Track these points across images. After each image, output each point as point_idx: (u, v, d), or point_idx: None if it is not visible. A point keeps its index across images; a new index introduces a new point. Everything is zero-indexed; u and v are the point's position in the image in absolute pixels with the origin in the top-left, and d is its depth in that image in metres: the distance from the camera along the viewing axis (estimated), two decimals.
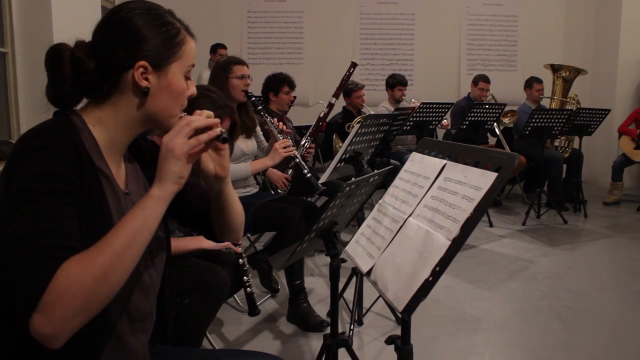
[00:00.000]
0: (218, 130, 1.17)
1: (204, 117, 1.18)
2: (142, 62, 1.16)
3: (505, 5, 8.04)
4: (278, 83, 4.13)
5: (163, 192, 1.11)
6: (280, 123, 3.34)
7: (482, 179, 1.18)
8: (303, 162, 3.26)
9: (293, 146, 3.26)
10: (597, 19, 7.89)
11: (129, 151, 1.31)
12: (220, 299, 2.26)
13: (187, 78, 1.25)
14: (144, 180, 1.34)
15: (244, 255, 2.49)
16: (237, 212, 1.42)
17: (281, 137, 3.25)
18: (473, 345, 2.95)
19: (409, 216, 1.36)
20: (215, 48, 6.84)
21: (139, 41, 1.17)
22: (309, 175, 3.21)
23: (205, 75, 6.64)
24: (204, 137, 1.14)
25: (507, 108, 5.97)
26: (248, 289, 2.46)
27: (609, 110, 5.98)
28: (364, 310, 3.21)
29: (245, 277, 2.45)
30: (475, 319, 3.26)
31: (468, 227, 1.14)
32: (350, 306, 3.12)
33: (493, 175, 1.16)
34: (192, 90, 1.28)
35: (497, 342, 3.00)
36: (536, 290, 3.75)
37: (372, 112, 5.35)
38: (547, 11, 8.12)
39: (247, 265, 2.50)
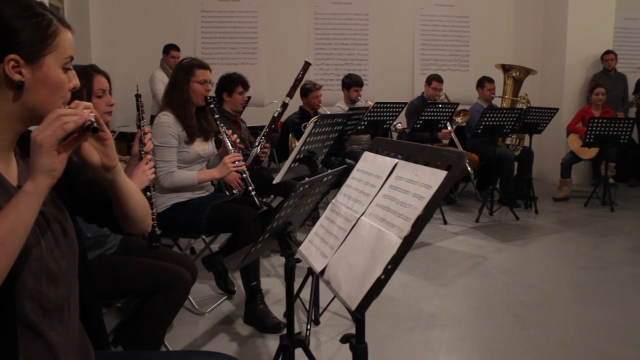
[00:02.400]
0: (86, 118, 1.14)
1: (79, 108, 1.15)
2: (13, 55, 1.13)
3: (457, 6, 8.16)
4: (232, 83, 4.09)
5: (35, 187, 1.08)
6: (235, 135, 3.31)
7: (433, 177, 1.19)
8: (250, 180, 3.23)
9: (243, 161, 3.23)
10: (545, 21, 8.11)
11: (23, 149, 1.28)
12: (182, 298, 2.29)
13: (65, 69, 1.22)
14: None
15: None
16: (136, 200, 1.39)
17: (233, 151, 3.22)
18: (428, 342, 2.98)
19: (362, 215, 1.36)
20: (168, 49, 6.75)
21: (7, 33, 1.13)
22: (253, 192, 3.18)
23: (158, 75, 6.55)
24: (70, 125, 1.10)
25: (459, 107, 6.06)
26: None
27: (557, 109, 6.14)
28: (320, 310, 3.21)
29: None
30: (430, 316, 3.31)
31: (419, 225, 1.15)
32: (307, 306, 3.12)
33: (443, 174, 1.17)
34: (74, 83, 1.26)
35: (452, 337, 3.04)
36: (490, 285, 3.82)
37: (328, 112, 5.36)
38: (498, 13, 8.28)
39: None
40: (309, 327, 2.97)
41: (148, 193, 2.84)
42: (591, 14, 7.59)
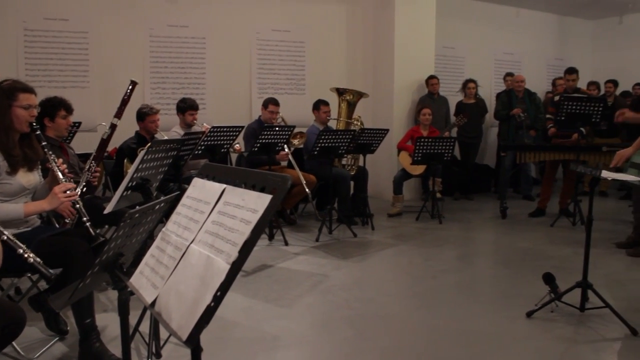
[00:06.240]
0: None
1: None
2: None
3: (293, 32, 8.40)
4: (53, 107, 3.82)
5: None
6: (64, 165, 3.09)
7: (259, 202, 1.21)
8: (84, 210, 3.04)
9: (74, 190, 3.02)
10: (374, 48, 8.63)
11: None
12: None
13: None
14: None
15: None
16: None
17: (64, 180, 3.00)
18: None
19: (191, 243, 1.35)
20: None
21: None
22: (88, 224, 3.01)
23: None
24: None
25: (296, 130, 6.21)
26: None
27: (387, 130, 6.54)
28: (162, 342, 3.10)
29: None
30: (274, 337, 3.32)
31: (246, 249, 1.16)
32: (147, 339, 3.00)
33: (268, 198, 1.19)
34: None
35: (295, 357, 3.09)
36: (331, 302, 3.93)
37: (165, 137, 5.23)
38: (331, 39, 8.64)
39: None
40: None
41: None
42: (415, 43, 8.25)
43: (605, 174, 3.44)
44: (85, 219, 3.01)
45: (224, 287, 1.15)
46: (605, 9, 10.41)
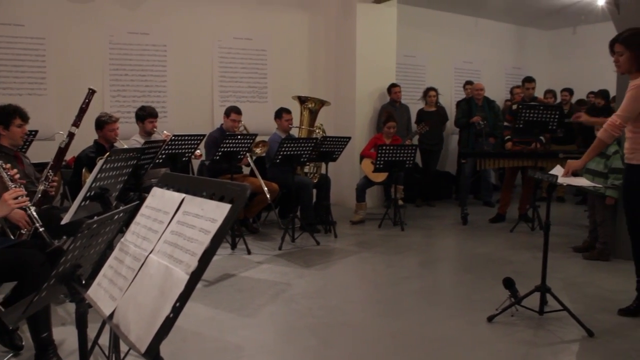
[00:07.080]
0: None
1: None
2: None
3: (254, 39, 8.38)
4: (8, 115, 3.70)
5: None
6: (14, 170, 3.01)
7: (218, 211, 1.20)
8: (36, 215, 2.97)
9: (27, 196, 2.94)
10: (337, 56, 8.68)
11: None
12: None
13: None
14: None
15: None
16: None
17: (13, 186, 2.91)
18: None
19: (150, 253, 1.33)
20: None
21: None
22: (42, 229, 2.94)
23: None
24: None
25: (258, 138, 6.19)
26: None
27: (349, 138, 6.57)
28: (122, 355, 3.04)
29: None
30: (238, 347, 3.29)
31: (205, 259, 1.15)
32: (107, 352, 2.94)
33: (227, 207, 1.18)
34: None
35: None
36: (294, 311, 3.92)
37: (125, 146, 5.15)
38: (293, 48, 8.65)
39: None
40: None
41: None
42: (376, 52, 8.33)
43: (561, 180, 3.53)
44: (38, 224, 2.95)
45: (183, 298, 1.13)
46: (560, 20, 10.70)
